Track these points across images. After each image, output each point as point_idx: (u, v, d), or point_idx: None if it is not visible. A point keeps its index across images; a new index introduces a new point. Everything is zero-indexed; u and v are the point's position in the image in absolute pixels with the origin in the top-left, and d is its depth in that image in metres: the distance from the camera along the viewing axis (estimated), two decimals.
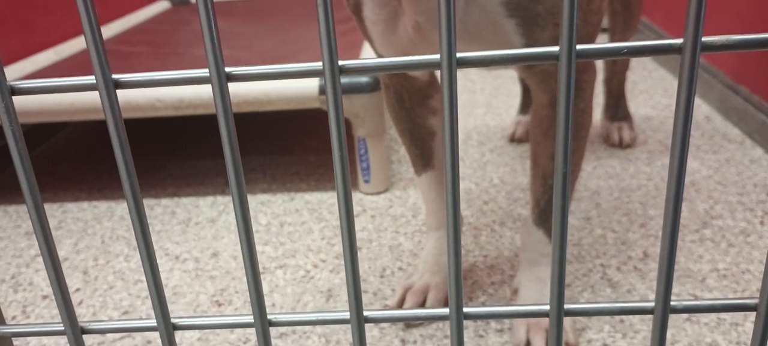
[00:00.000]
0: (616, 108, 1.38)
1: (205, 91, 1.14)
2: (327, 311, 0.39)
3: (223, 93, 0.30)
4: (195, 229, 1.13)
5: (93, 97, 1.16)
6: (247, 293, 0.93)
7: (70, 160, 1.50)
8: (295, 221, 1.13)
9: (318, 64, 0.31)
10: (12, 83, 0.32)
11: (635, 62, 1.93)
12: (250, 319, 0.37)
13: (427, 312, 0.37)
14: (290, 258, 1.01)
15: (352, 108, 1.16)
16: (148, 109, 1.15)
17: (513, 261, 0.96)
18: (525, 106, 1.45)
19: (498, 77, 1.92)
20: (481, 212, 1.12)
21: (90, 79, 0.31)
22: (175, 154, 1.48)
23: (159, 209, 1.21)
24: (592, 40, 0.69)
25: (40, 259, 1.07)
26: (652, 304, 0.35)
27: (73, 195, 1.30)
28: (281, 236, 1.08)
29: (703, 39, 0.28)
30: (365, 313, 0.37)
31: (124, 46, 1.59)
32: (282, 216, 1.15)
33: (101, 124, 1.71)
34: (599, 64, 1.62)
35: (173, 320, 0.37)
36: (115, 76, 0.31)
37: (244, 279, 0.97)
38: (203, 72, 0.31)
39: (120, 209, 1.22)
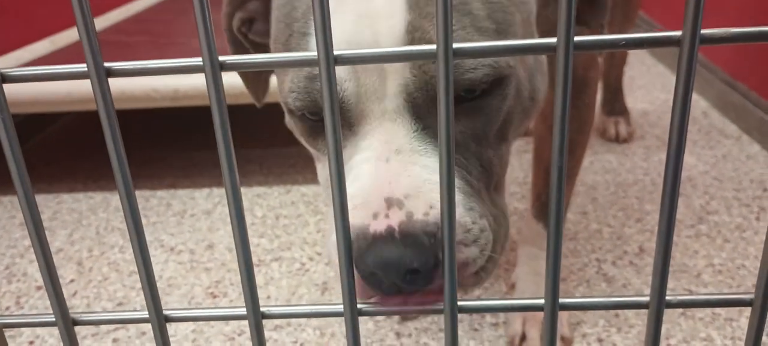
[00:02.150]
0: (614, 102, 1.38)
1: (201, 81, 1.14)
2: (321, 304, 0.38)
3: (216, 82, 0.30)
4: (190, 220, 1.13)
5: (90, 87, 1.15)
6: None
7: (66, 151, 1.49)
8: (290, 214, 1.13)
9: (313, 54, 0.30)
10: (3, 71, 0.31)
11: (634, 57, 1.92)
12: (243, 312, 0.36)
13: (421, 306, 0.36)
14: (286, 251, 1.01)
15: None
16: (143, 99, 1.14)
17: (509, 255, 0.96)
18: None
19: None
20: None
21: (82, 67, 0.31)
22: (171, 146, 1.48)
23: (154, 201, 1.21)
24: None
25: None
26: (646, 298, 0.35)
27: (68, 186, 1.30)
28: (277, 229, 1.08)
29: (702, 31, 0.28)
30: (359, 306, 0.36)
31: (123, 35, 1.58)
32: (278, 209, 1.15)
33: (95, 115, 1.70)
34: None
35: (166, 312, 0.37)
36: (107, 64, 0.31)
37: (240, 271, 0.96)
38: (197, 61, 0.31)
39: (115, 200, 1.22)
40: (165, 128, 1.59)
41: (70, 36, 1.60)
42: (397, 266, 0.39)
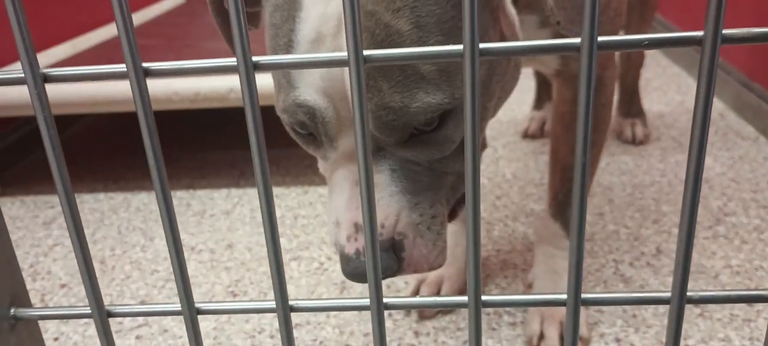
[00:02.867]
0: (630, 104, 1.38)
1: (221, 84, 1.15)
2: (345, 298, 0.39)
3: (250, 82, 0.31)
4: (210, 220, 1.14)
5: (112, 89, 1.17)
6: (262, 284, 0.94)
7: (86, 152, 1.51)
8: (308, 214, 1.14)
9: (343, 54, 0.31)
10: (45, 71, 0.33)
11: (649, 59, 1.92)
12: (272, 305, 0.37)
13: (445, 299, 0.37)
14: (304, 250, 1.02)
15: None
16: (164, 101, 1.16)
17: (526, 256, 0.96)
18: (539, 101, 1.45)
19: None
20: (494, 206, 1.12)
21: (121, 67, 0.32)
22: (189, 147, 1.50)
23: (174, 201, 1.22)
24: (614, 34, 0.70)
25: (58, 248, 1.08)
26: (668, 294, 0.35)
27: (89, 186, 1.32)
28: (295, 229, 1.09)
29: (724, 31, 0.28)
30: (385, 300, 0.37)
31: (140, 39, 1.60)
32: (296, 209, 1.16)
33: (116, 116, 1.73)
34: None
35: (197, 305, 0.38)
36: (145, 64, 0.32)
37: (259, 270, 0.98)
38: (230, 61, 0.32)
39: (136, 200, 1.24)
40: (180, 129, 1.61)
41: (90, 39, 1.62)
42: (364, 277, 0.52)
